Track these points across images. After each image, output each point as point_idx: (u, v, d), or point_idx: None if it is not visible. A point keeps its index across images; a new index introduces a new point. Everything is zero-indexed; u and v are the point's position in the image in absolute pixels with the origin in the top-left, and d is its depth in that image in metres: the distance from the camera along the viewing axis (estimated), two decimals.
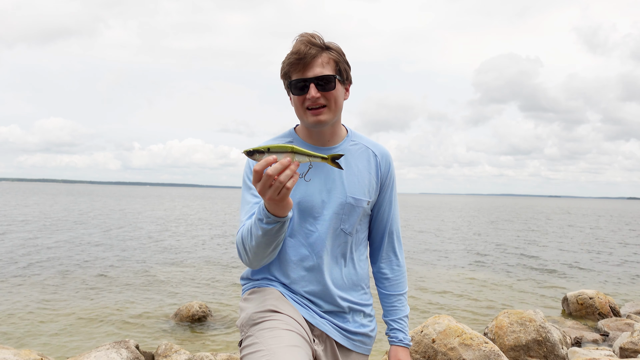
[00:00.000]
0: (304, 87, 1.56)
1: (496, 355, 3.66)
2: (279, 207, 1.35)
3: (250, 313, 1.58)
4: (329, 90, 1.57)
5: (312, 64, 1.55)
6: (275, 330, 1.46)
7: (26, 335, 5.81)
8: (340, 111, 1.65)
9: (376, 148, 1.75)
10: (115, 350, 4.18)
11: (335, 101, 1.60)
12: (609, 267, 13.04)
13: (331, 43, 1.61)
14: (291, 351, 1.38)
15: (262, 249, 1.48)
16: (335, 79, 1.58)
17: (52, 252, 12.47)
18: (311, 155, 1.32)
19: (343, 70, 1.62)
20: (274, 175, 1.26)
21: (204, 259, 12.27)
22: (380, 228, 1.76)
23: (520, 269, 12.17)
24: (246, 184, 1.69)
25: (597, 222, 36.24)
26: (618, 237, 22.71)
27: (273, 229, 1.41)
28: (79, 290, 8.27)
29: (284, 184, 1.28)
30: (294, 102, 1.62)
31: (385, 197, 1.74)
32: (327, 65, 1.57)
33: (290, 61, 1.56)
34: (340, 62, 1.61)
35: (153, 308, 7.21)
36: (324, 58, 1.57)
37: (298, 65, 1.55)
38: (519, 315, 4.69)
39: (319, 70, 1.55)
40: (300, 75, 1.56)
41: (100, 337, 5.79)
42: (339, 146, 1.69)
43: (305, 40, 1.56)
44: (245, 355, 1.44)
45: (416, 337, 3.95)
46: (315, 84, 1.55)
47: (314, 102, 1.56)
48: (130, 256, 12.32)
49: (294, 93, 1.59)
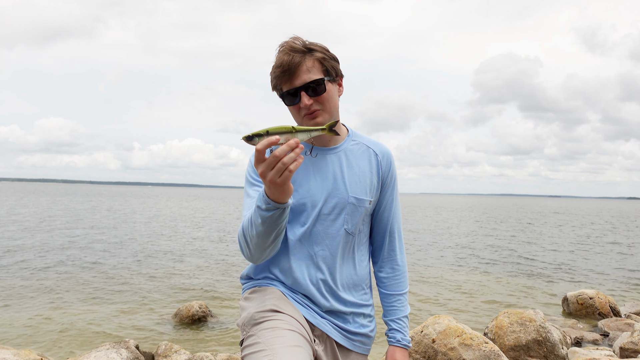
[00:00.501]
0: (295, 96, 1.56)
1: (496, 355, 3.66)
2: (279, 191, 1.32)
3: (252, 313, 1.57)
4: (321, 93, 1.56)
5: (297, 72, 1.54)
6: (277, 330, 1.46)
7: (26, 335, 5.81)
8: (337, 109, 1.64)
9: (377, 147, 1.74)
10: (115, 350, 4.17)
11: (329, 102, 1.59)
12: (609, 267, 13.04)
13: (312, 44, 1.58)
14: (293, 351, 1.38)
15: (263, 238, 1.46)
16: (324, 81, 1.56)
17: (52, 252, 12.47)
18: (311, 130, 1.32)
19: (330, 68, 1.59)
20: (281, 156, 1.24)
21: (204, 259, 12.26)
22: (382, 227, 1.75)
23: (520, 268, 12.17)
24: (249, 180, 1.69)
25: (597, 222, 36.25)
26: (618, 237, 22.71)
27: (273, 215, 1.39)
28: (78, 290, 8.27)
29: (287, 165, 1.25)
30: (291, 113, 1.63)
31: (386, 196, 1.73)
32: (312, 69, 1.55)
33: (276, 74, 1.56)
34: (326, 60, 1.58)
35: (153, 308, 7.21)
36: (308, 63, 1.55)
37: (284, 77, 1.54)
38: (519, 315, 4.69)
39: (306, 77, 1.54)
40: (290, 86, 1.55)
41: (100, 337, 5.79)
42: (340, 146, 1.69)
43: (286, 50, 1.54)
44: (246, 355, 1.44)
45: (416, 337, 3.95)
46: (306, 91, 1.54)
47: (309, 109, 1.56)
48: (130, 256, 12.32)
49: (287, 104, 1.59)
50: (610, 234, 25.06)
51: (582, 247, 17.77)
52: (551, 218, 41.37)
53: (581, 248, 17.57)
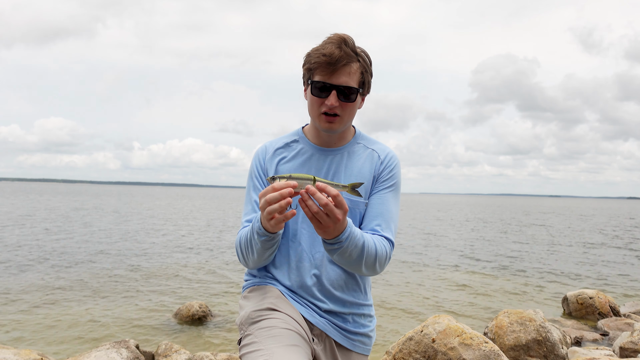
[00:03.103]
0: (325, 92, 1.54)
1: (496, 355, 3.66)
2: (269, 225, 1.40)
3: (249, 311, 1.58)
4: (349, 102, 1.55)
5: (340, 71, 1.52)
6: (274, 329, 1.46)
7: (26, 335, 5.81)
8: (352, 120, 1.65)
9: (381, 150, 1.72)
10: (115, 350, 4.18)
11: (351, 113, 1.59)
12: (609, 266, 13.04)
13: (361, 50, 1.57)
14: (290, 350, 1.38)
15: (258, 254, 1.54)
16: (358, 92, 1.56)
17: (52, 252, 12.47)
18: (332, 184, 1.36)
19: (367, 82, 1.59)
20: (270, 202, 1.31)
21: (204, 259, 12.27)
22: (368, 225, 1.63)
23: (520, 268, 12.16)
24: (250, 182, 1.71)
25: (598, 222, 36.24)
26: (618, 237, 22.70)
27: (265, 240, 1.48)
28: (78, 289, 8.26)
29: (272, 214, 1.33)
30: (310, 101, 1.59)
31: (376, 193, 1.65)
32: (353, 75, 1.54)
33: (319, 61, 1.51)
34: (366, 72, 1.58)
35: (153, 308, 7.21)
36: (352, 67, 1.53)
37: (326, 69, 1.51)
38: (519, 314, 4.69)
39: (344, 80, 1.52)
40: (326, 79, 1.53)
41: (100, 337, 5.79)
42: (345, 147, 1.69)
43: (338, 43, 1.51)
44: (244, 354, 1.45)
45: (416, 337, 3.95)
46: (337, 92, 1.53)
47: (331, 110, 1.55)
48: (130, 256, 12.32)
49: (314, 93, 1.56)
50: (611, 233, 25.06)
51: (582, 247, 17.77)
52: (551, 218, 41.36)
53: (581, 248, 17.57)
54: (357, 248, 1.43)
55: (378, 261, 1.51)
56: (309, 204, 1.29)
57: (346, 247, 1.41)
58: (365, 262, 1.49)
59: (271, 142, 1.75)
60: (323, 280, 1.63)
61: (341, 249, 1.41)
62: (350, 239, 1.40)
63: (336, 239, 1.38)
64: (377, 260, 1.51)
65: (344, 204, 1.31)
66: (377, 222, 1.60)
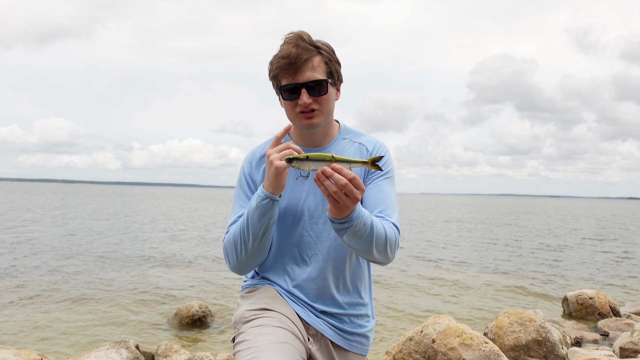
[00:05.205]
0: (295, 92, 1.53)
1: (496, 355, 3.65)
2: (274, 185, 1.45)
3: (243, 311, 1.60)
4: (321, 95, 1.54)
5: (303, 68, 1.51)
6: (265, 327, 1.48)
7: (26, 335, 5.81)
8: (332, 112, 1.63)
9: (369, 142, 1.70)
10: (115, 350, 4.18)
11: (328, 104, 1.57)
12: (609, 266, 13.03)
13: (320, 42, 1.56)
14: (279, 348, 1.39)
15: (254, 234, 1.51)
16: (327, 83, 1.54)
17: (52, 252, 12.47)
18: (351, 161, 1.33)
19: (334, 71, 1.58)
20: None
21: (204, 259, 12.26)
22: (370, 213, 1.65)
23: (520, 268, 12.16)
24: (239, 189, 1.70)
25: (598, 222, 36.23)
26: (618, 237, 22.70)
27: (266, 204, 1.47)
28: (78, 290, 8.26)
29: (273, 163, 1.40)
30: (285, 106, 1.60)
31: (371, 183, 1.63)
32: (318, 68, 1.53)
33: (280, 65, 1.51)
34: (332, 62, 1.56)
35: (153, 308, 7.21)
36: (315, 61, 1.52)
37: (288, 70, 1.51)
38: (519, 315, 4.69)
39: (310, 75, 1.51)
40: (291, 80, 1.52)
41: (100, 337, 5.79)
42: (331, 145, 1.67)
43: (294, 42, 1.50)
44: (236, 352, 1.47)
45: (416, 337, 3.95)
46: (307, 89, 1.52)
47: (306, 107, 1.54)
48: (130, 256, 12.32)
49: (285, 98, 1.56)
50: (611, 233, 25.05)
51: (582, 247, 17.76)
52: (551, 218, 41.35)
53: (581, 248, 17.56)
54: (366, 227, 1.40)
55: (389, 244, 1.49)
56: (326, 184, 1.28)
57: (356, 226, 1.38)
58: (376, 244, 1.45)
59: (258, 147, 1.74)
60: (321, 281, 1.63)
61: (352, 227, 1.37)
62: (359, 218, 1.38)
63: (347, 217, 1.35)
64: (388, 243, 1.49)
65: (361, 185, 1.29)
66: (379, 209, 1.58)
